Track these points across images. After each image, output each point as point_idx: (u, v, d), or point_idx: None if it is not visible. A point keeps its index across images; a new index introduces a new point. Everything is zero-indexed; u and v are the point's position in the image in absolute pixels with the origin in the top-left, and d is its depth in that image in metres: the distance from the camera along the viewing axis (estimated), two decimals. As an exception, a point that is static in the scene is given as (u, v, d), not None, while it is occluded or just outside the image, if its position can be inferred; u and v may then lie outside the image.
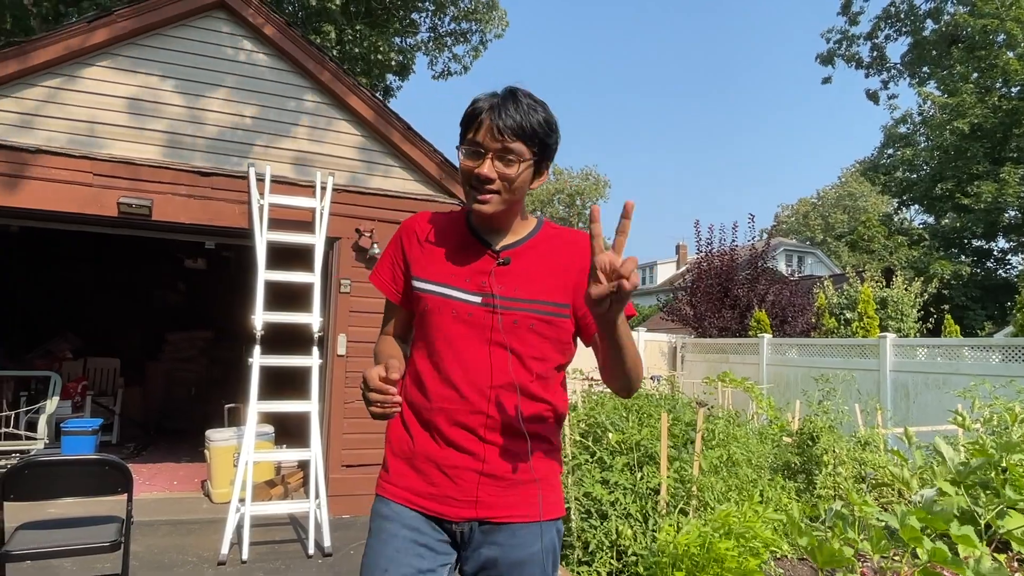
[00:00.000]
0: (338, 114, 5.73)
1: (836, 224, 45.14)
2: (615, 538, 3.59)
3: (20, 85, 4.81)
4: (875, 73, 25.86)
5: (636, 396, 4.69)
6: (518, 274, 1.50)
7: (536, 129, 1.44)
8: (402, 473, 1.50)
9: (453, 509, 1.46)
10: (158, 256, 9.90)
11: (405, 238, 1.60)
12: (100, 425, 6.28)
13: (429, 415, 1.49)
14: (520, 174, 1.45)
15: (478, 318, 1.47)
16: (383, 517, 1.50)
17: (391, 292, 1.62)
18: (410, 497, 1.48)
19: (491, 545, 1.46)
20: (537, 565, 1.47)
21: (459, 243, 1.54)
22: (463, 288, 1.49)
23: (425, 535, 1.46)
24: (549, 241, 1.57)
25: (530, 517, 1.48)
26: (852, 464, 5.27)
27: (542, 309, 1.49)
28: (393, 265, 1.61)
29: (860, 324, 11.94)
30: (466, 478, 1.45)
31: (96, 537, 2.86)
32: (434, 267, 1.52)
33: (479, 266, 1.51)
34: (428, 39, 15.90)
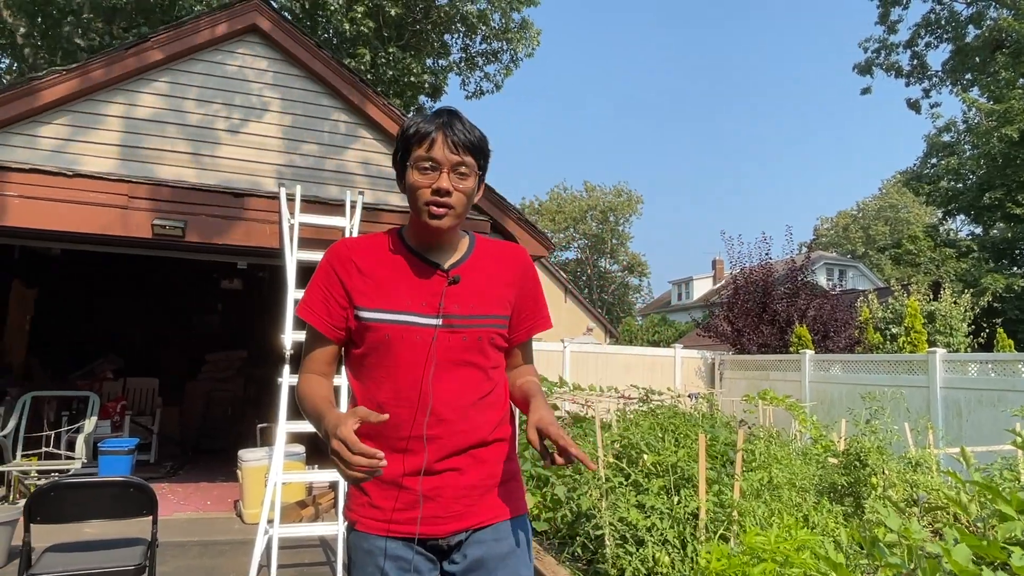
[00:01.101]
0: (367, 133, 5.75)
1: (878, 236, 44.03)
2: (652, 565, 3.44)
3: (59, 112, 4.94)
4: (916, 81, 25.23)
5: (672, 415, 4.53)
6: (470, 291, 1.53)
7: (481, 144, 1.52)
8: (378, 505, 1.48)
9: (441, 527, 1.47)
10: (196, 278, 10.07)
11: (340, 268, 1.53)
12: (137, 444, 6.33)
13: (399, 444, 1.46)
14: (473, 187, 1.52)
15: (441, 340, 1.48)
16: (366, 552, 1.48)
17: (325, 327, 1.53)
18: (391, 528, 1.46)
19: (477, 544, 1.50)
20: (519, 556, 1.53)
21: (403, 267, 1.53)
22: (420, 312, 1.48)
23: (411, 561, 1.47)
24: (488, 255, 1.61)
25: (507, 515, 1.54)
26: (903, 487, 5.01)
27: (497, 323, 1.55)
28: (327, 298, 1.53)
29: (907, 339, 11.50)
30: (447, 495, 1.47)
31: (121, 560, 2.83)
32: (384, 295, 1.50)
33: (430, 287, 1.51)
34: (460, 60, 16.04)
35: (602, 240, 47.61)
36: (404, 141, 1.52)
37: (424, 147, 1.48)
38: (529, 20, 15.44)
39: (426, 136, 1.48)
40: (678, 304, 38.21)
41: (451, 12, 14.50)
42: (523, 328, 1.64)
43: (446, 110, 1.53)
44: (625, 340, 29.75)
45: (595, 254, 48.25)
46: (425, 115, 1.52)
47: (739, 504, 3.59)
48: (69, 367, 8.84)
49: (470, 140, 1.49)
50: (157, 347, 9.94)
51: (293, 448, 5.85)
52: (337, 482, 4.68)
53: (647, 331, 31.70)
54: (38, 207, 4.74)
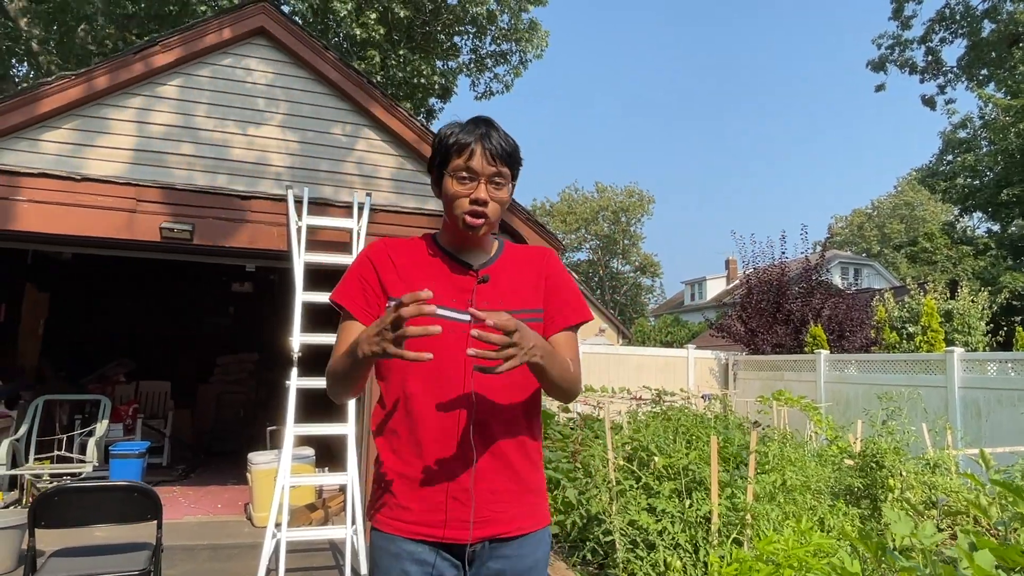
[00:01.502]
0: (375, 135, 5.73)
1: (893, 235, 43.56)
2: (663, 570, 3.38)
3: (68, 117, 4.95)
4: (931, 78, 24.88)
5: (684, 416, 4.46)
6: (498, 289, 1.57)
7: (516, 154, 1.57)
8: (405, 506, 1.48)
9: (464, 532, 1.46)
10: (207, 281, 10.11)
11: (377, 261, 1.59)
12: (148, 448, 6.35)
13: (427, 440, 1.47)
14: (508, 196, 1.58)
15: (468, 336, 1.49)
16: (391, 555, 1.48)
17: (360, 311, 1.56)
18: (419, 529, 1.47)
19: (498, 559, 1.49)
20: (539, 571, 1.53)
21: (436, 266, 1.58)
22: (449, 308, 1.50)
23: (436, 567, 1.47)
24: (515, 256, 1.66)
25: (532, 527, 1.53)
26: (921, 489, 4.91)
27: (527, 317, 1.53)
28: (364, 288, 1.57)
29: (924, 338, 11.33)
30: (477, 499, 1.46)
31: (126, 565, 2.81)
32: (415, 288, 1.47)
33: (461, 285, 1.55)
34: (470, 61, 16.03)
35: (614, 241, 47.45)
36: (443, 150, 1.54)
37: (463, 157, 1.51)
38: (538, 21, 15.42)
39: (465, 147, 1.51)
40: (691, 304, 37.97)
41: (460, 14, 14.49)
42: (560, 319, 1.64)
43: (483, 120, 1.56)
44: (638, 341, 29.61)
45: (607, 255, 48.09)
46: (461, 124, 1.55)
47: (752, 507, 3.52)
48: (82, 371, 8.89)
49: (506, 151, 1.53)
50: (169, 350, 9.97)
51: (302, 451, 5.83)
52: (347, 485, 4.64)
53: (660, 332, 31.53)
54: (47, 211, 4.76)
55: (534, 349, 1.33)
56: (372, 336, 1.30)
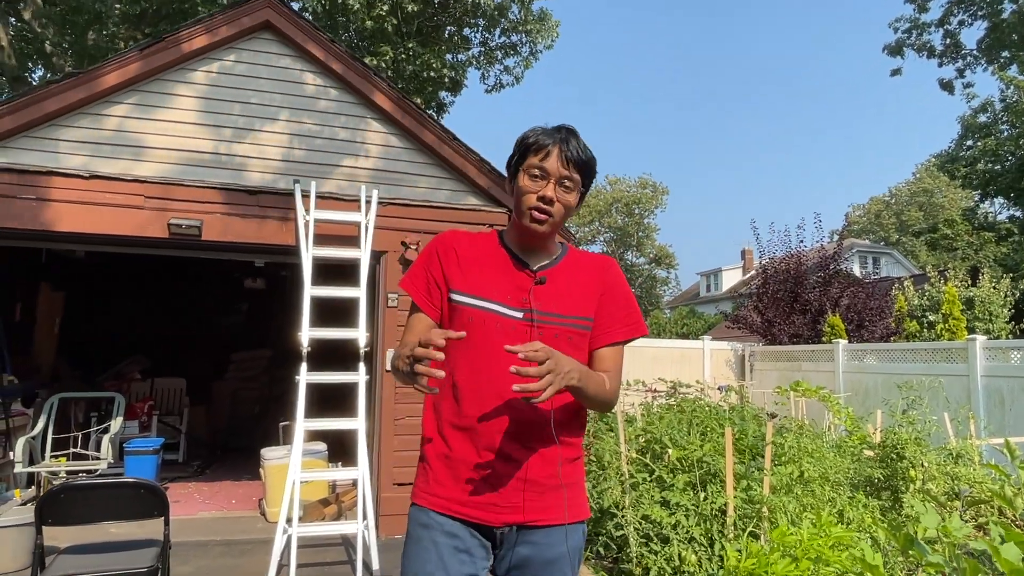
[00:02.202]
0: (382, 127, 5.68)
1: (911, 222, 42.92)
2: (678, 564, 3.31)
3: (75, 115, 4.94)
4: (949, 61, 24.42)
5: (698, 408, 4.38)
6: (554, 292, 1.63)
7: (591, 164, 1.64)
8: (442, 482, 1.57)
9: (496, 515, 1.54)
10: (220, 278, 10.14)
11: (442, 253, 1.67)
12: (162, 444, 6.37)
13: (469, 425, 1.56)
14: (574, 201, 1.63)
15: (520, 332, 1.58)
16: (423, 525, 1.57)
17: (425, 302, 1.67)
18: (451, 506, 1.56)
19: (526, 544, 1.56)
20: (566, 563, 1.58)
21: (498, 262, 1.66)
22: (505, 303, 1.60)
23: (465, 541, 1.55)
24: (577, 262, 1.72)
25: (562, 519, 1.59)
26: (943, 479, 4.79)
27: (576, 323, 1.63)
28: (428, 278, 1.67)
29: (945, 326, 11.13)
30: (508, 485, 1.54)
31: (134, 562, 2.79)
32: (476, 283, 1.62)
33: (519, 283, 1.62)
34: (479, 54, 15.92)
35: (628, 233, 47.17)
36: (522, 148, 1.63)
37: (539, 157, 1.59)
38: (548, 11, 15.27)
39: (543, 147, 1.59)
40: (707, 296, 37.68)
41: (470, 6, 14.39)
42: (604, 332, 1.69)
43: (565, 127, 1.64)
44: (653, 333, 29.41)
45: (621, 247, 47.83)
46: (545, 128, 1.64)
47: (769, 500, 3.44)
48: (97, 369, 8.96)
49: (581, 158, 1.60)
50: (183, 347, 10.02)
51: (314, 446, 5.82)
52: (358, 480, 4.62)
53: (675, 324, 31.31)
54: (55, 209, 4.76)
55: (571, 373, 1.41)
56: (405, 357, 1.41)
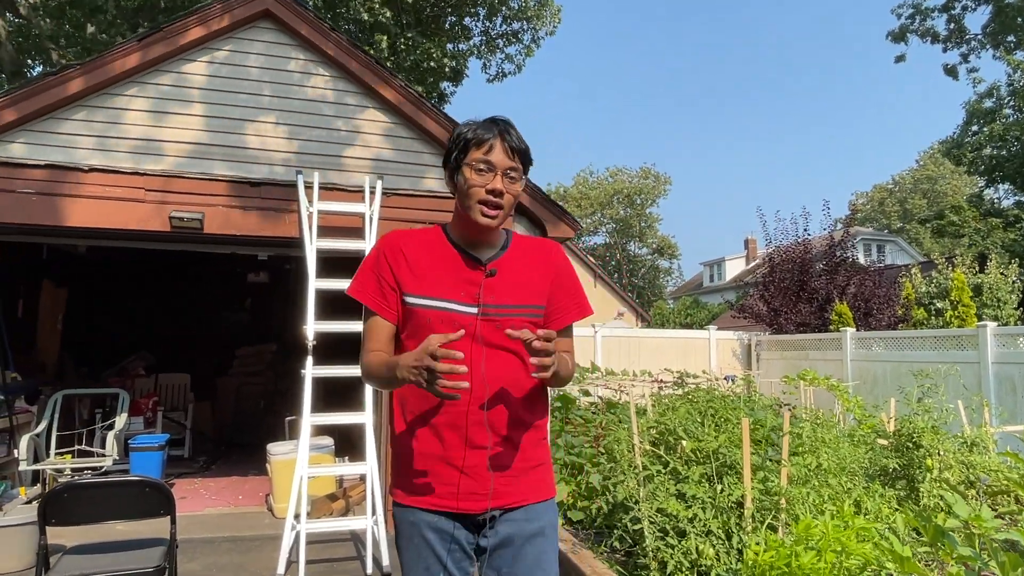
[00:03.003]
0: (385, 116, 5.59)
1: (915, 210, 42.73)
2: (695, 558, 3.24)
3: (74, 108, 4.86)
4: (953, 46, 24.20)
5: (712, 399, 4.30)
6: (504, 283, 1.66)
7: (529, 152, 1.68)
8: (421, 481, 1.63)
9: (476, 503, 1.61)
10: (223, 273, 10.07)
11: (390, 256, 1.67)
12: (167, 440, 6.32)
13: (439, 422, 1.60)
14: (520, 190, 1.67)
15: (476, 327, 1.60)
16: (411, 523, 1.64)
17: (378, 305, 1.67)
18: (433, 501, 1.61)
19: (507, 523, 1.64)
20: (545, 536, 1.67)
21: (446, 259, 1.67)
22: (459, 300, 1.62)
23: (452, 533, 1.62)
24: (522, 249, 1.74)
25: (538, 497, 1.68)
26: (959, 468, 4.72)
27: (529, 312, 1.66)
28: (380, 282, 1.67)
29: (954, 313, 11.03)
30: (484, 474, 1.60)
31: (140, 562, 2.73)
32: (427, 283, 1.64)
33: (469, 278, 1.64)
34: (480, 43, 15.78)
35: (629, 224, 47.03)
36: (462, 143, 1.64)
37: (482, 150, 1.61)
38: (549, -2, 15.08)
39: (485, 141, 1.61)
40: (710, 286, 37.58)
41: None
42: (558, 317, 1.74)
43: (501, 119, 1.67)
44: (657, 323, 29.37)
45: (624, 238, 47.70)
46: (479, 121, 1.67)
47: (787, 491, 3.37)
48: (101, 365, 8.91)
49: (522, 148, 1.65)
50: (188, 343, 9.96)
51: (321, 440, 5.77)
52: (367, 475, 4.56)
53: (679, 314, 31.27)
54: (54, 203, 4.68)
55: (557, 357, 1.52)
56: (411, 367, 1.43)
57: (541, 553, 1.65)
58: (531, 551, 1.64)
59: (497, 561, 1.64)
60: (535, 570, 1.64)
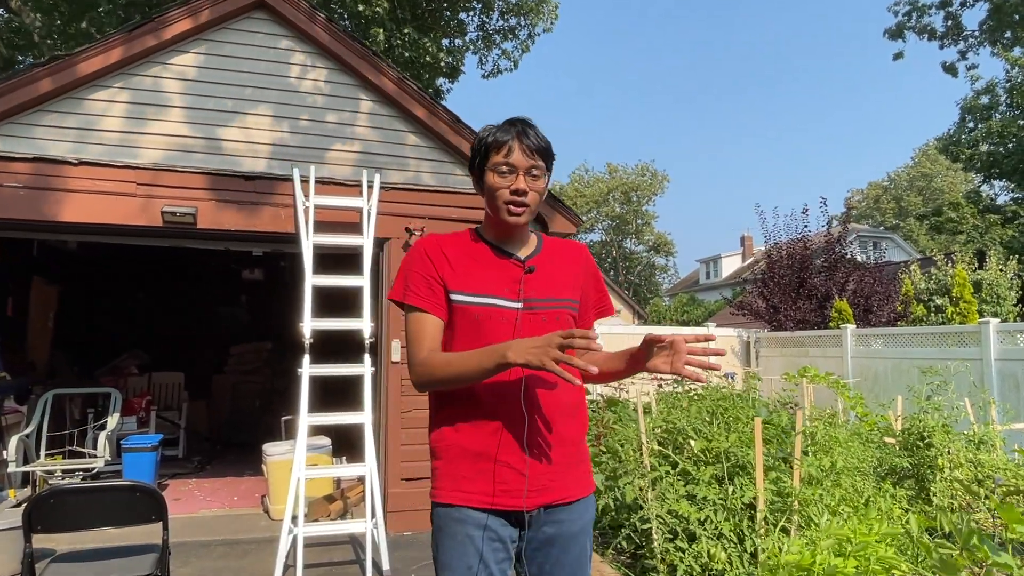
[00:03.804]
0: (383, 109, 5.46)
1: (911, 207, 42.75)
2: (706, 561, 3.14)
3: (63, 100, 4.72)
4: (951, 43, 24.14)
5: (720, 398, 4.20)
6: (543, 279, 1.72)
7: (550, 149, 1.72)
8: (468, 476, 1.61)
9: (520, 500, 1.60)
10: (218, 270, 9.93)
11: (433, 256, 1.70)
12: (161, 440, 6.18)
13: (489, 415, 1.61)
14: (544, 186, 1.72)
15: (523, 321, 1.65)
16: (455, 520, 1.61)
17: (434, 306, 1.68)
18: (479, 498, 1.60)
19: (553, 523, 1.64)
20: (586, 534, 1.69)
21: (486, 258, 1.72)
22: (504, 296, 1.67)
23: (497, 531, 1.61)
24: (555, 249, 1.81)
25: (581, 493, 1.69)
26: (968, 467, 4.64)
27: (568, 305, 1.73)
28: (428, 281, 1.68)
29: (956, 310, 10.96)
30: (536, 469, 1.60)
31: (131, 570, 2.61)
32: (471, 281, 1.67)
33: (511, 275, 1.70)
34: (477, 38, 15.63)
35: (626, 221, 46.95)
36: (483, 149, 1.69)
37: (502, 153, 1.66)
38: (546, -8, 14.93)
39: (503, 144, 1.66)
40: (706, 283, 37.53)
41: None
42: (590, 314, 1.81)
43: (518, 119, 1.71)
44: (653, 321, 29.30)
45: (619, 235, 47.62)
46: (498, 125, 1.71)
47: (801, 493, 3.27)
48: (94, 364, 8.76)
49: (541, 146, 1.68)
50: (182, 341, 9.82)
51: (318, 440, 5.65)
52: (365, 476, 4.44)
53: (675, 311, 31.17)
54: (43, 198, 4.55)
55: None
56: (534, 348, 1.44)
57: (583, 551, 1.69)
58: (575, 550, 1.67)
59: (540, 557, 1.66)
60: (576, 570, 1.67)
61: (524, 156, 1.65)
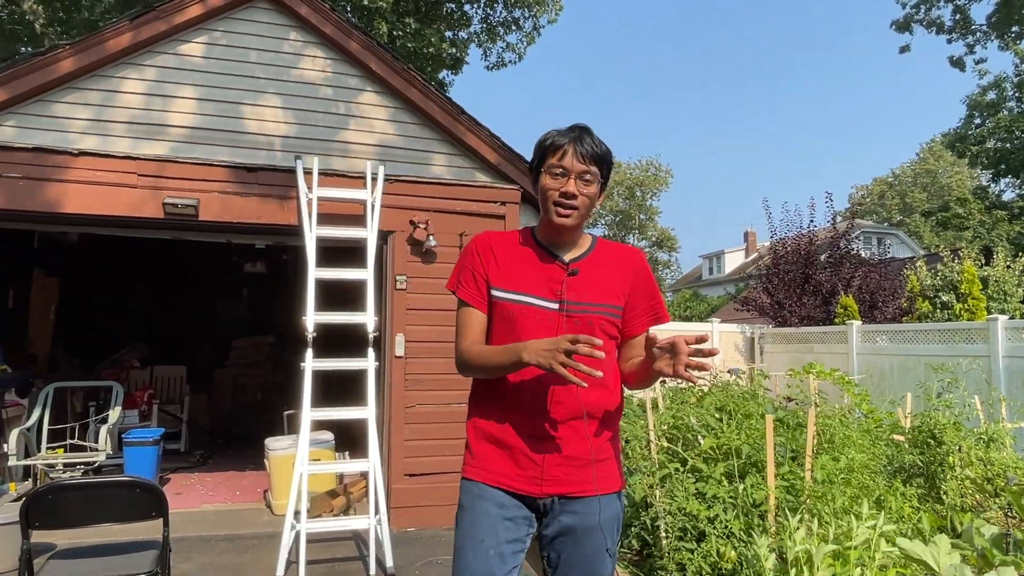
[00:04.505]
0: (388, 101, 5.39)
1: (915, 203, 42.57)
2: (715, 560, 3.09)
3: (64, 90, 4.66)
4: (959, 37, 23.96)
5: (730, 396, 4.14)
6: (586, 282, 1.75)
7: (606, 157, 1.77)
8: (491, 458, 1.73)
9: (539, 487, 1.69)
10: (220, 263, 9.88)
11: (482, 253, 1.81)
12: (162, 434, 6.13)
13: (515, 407, 1.71)
14: (596, 192, 1.76)
15: (557, 321, 1.71)
16: (475, 496, 1.73)
17: (476, 300, 1.79)
18: (499, 479, 1.71)
19: (569, 514, 1.71)
20: (606, 529, 1.73)
21: (532, 257, 1.79)
22: (542, 296, 1.73)
23: (511, 510, 1.70)
24: (606, 254, 1.83)
25: (600, 491, 1.72)
26: (978, 466, 4.58)
27: (607, 311, 1.76)
28: (474, 276, 1.79)
29: (964, 306, 10.87)
30: (550, 461, 1.68)
31: (131, 567, 2.56)
32: (513, 279, 1.75)
33: (552, 276, 1.76)
34: (481, 30, 15.51)
35: (629, 216, 46.83)
36: (541, 151, 1.77)
37: (557, 156, 1.72)
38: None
39: (559, 147, 1.73)
40: (709, 278, 37.42)
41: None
42: (638, 322, 1.82)
43: (578, 126, 1.77)
44: (656, 316, 29.14)
45: (623, 230, 47.50)
46: (560, 130, 1.77)
47: (814, 491, 3.21)
48: (96, 357, 8.72)
49: (596, 153, 1.73)
50: (184, 334, 9.77)
51: (321, 435, 5.60)
52: (369, 472, 4.39)
53: (678, 307, 31.09)
54: (43, 188, 4.49)
55: None
56: (544, 351, 1.54)
57: (599, 546, 1.72)
58: (590, 544, 1.71)
59: (558, 546, 1.73)
60: (592, 562, 1.72)
61: (577, 161, 1.71)
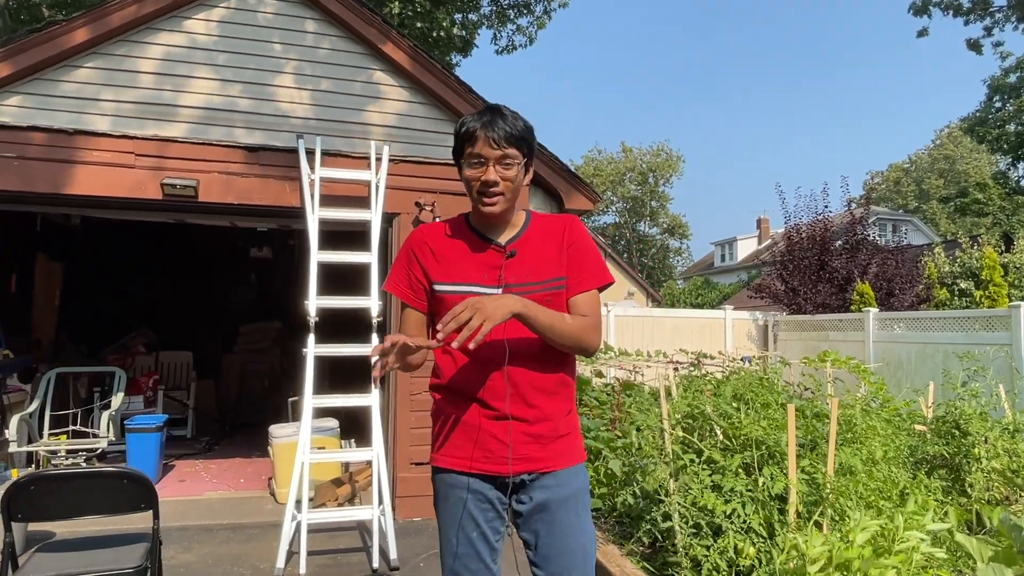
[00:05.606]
0: (395, 80, 5.22)
1: (932, 190, 41.94)
2: (732, 556, 2.94)
3: (59, 68, 4.52)
4: (976, 19, 23.42)
5: (748, 385, 3.97)
6: (524, 262, 1.75)
7: (523, 134, 1.71)
8: (457, 444, 1.73)
9: (505, 467, 1.70)
10: (226, 248, 9.78)
11: (417, 250, 1.80)
12: (166, 421, 6.03)
13: (474, 394, 1.71)
14: (518, 174, 1.72)
15: None
16: (449, 485, 1.75)
17: (408, 296, 1.80)
18: (469, 464, 1.72)
19: (542, 489, 1.72)
20: (578, 499, 1.75)
21: (468, 245, 1.77)
22: (483, 283, 1.72)
23: (486, 494, 1.73)
24: (541, 228, 1.81)
25: (568, 463, 1.75)
26: (1004, 457, 4.40)
27: (550, 287, 1.74)
28: (410, 276, 1.79)
29: (984, 293, 10.62)
30: (516, 440, 1.69)
31: (120, 562, 2.44)
32: (452, 270, 1.74)
33: (490, 261, 1.74)
34: (491, 13, 15.24)
35: (641, 203, 46.43)
36: (458, 141, 1.73)
37: (472, 145, 1.68)
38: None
39: (471, 135, 1.68)
40: (721, 266, 37.08)
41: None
42: (576, 284, 1.78)
43: (490, 108, 1.72)
44: (667, 304, 28.97)
45: (634, 217, 47.13)
46: (473, 114, 1.72)
47: (838, 484, 3.05)
48: (101, 342, 8.65)
49: (510, 134, 1.67)
50: (190, 320, 9.69)
51: (325, 423, 5.49)
52: (373, 461, 4.27)
53: (689, 294, 30.84)
54: (36, 168, 4.37)
55: (501, 308, 1.52)
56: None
57: (574, 516, 1.73)
58: (564, 516, 1.72)
59: (534, 524, 1.73)
60: (569, 534, 1.72)
61: (491, 147, 1.66)
